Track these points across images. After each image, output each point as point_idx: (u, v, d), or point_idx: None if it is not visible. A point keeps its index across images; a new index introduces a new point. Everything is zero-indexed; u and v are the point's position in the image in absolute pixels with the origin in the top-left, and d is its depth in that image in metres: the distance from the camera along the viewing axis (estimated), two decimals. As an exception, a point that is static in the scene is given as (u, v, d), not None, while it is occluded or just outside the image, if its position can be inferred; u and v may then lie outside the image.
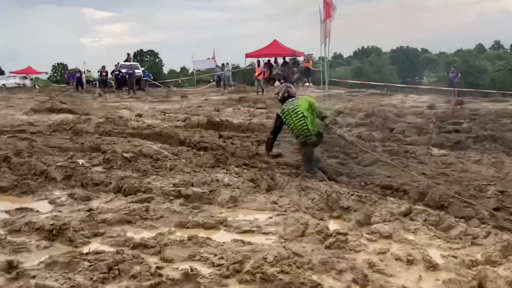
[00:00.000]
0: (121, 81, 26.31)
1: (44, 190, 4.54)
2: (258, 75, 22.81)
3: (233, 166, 5.44)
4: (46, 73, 60.21)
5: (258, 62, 25.31)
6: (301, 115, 5.61)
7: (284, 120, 5.73)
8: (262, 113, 12.37)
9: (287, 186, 4.57)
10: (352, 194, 4.06)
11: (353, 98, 17.54)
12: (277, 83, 27.46)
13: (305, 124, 5.58)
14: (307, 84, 26.74)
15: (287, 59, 28.55)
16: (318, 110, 5.68)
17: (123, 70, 26.14)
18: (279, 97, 6.01)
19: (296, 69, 26.57)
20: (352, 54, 73.46)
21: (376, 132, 8.63)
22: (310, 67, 26.75)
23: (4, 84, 34.26)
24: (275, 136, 6.09)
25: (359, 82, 28.76)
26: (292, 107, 5.70)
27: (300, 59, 29.81)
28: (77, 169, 5.16)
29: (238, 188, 4.48)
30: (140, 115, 11.89)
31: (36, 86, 37.69)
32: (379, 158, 5.86)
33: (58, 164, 5.37)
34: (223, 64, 29.33)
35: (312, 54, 29.55)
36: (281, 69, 27.97)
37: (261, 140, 7.64)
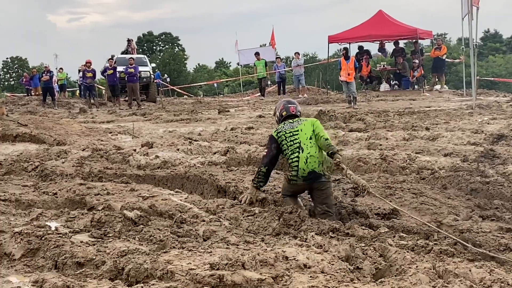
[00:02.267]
0: (117, 87, 27.27)
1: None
2: (349, 75, 22.43)
3: (312, 234, 5.44)
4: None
5: (345, 51, 24.58)
6: (297, 145, 6.81)
7: (280, 145, 6.95)
8: (360, 138, 12.28)
9: (411, 269, 4.52)
10: (534, 288, 3.99)
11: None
12: (384, 86, 27.44)
13: (296, 159, 6.77)
14: (437, 87, 26.45)
15: (401, 44, 28.50)
16: (323, 141, 6.74)
17: (120, 68, 27.12)
18: (276, 118, 7.37)
19: (417, 61, 26.35)
20: (518, 33, 72.19)
21: None
22: (443, 58, 26.43)
23: None
24: (270, 169, 7.09)
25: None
26: (290, 132, 6.92)
27: (425, 43, 29.55)
28: (47, 238, 5.24)
29: (322, 272, 4.46)
30: (150, 145, 12.21)
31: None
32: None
33: (15, 230, 5.50)
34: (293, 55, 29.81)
35: (445, 35, 29.22)
36: (391, 61, 27.80)
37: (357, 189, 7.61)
